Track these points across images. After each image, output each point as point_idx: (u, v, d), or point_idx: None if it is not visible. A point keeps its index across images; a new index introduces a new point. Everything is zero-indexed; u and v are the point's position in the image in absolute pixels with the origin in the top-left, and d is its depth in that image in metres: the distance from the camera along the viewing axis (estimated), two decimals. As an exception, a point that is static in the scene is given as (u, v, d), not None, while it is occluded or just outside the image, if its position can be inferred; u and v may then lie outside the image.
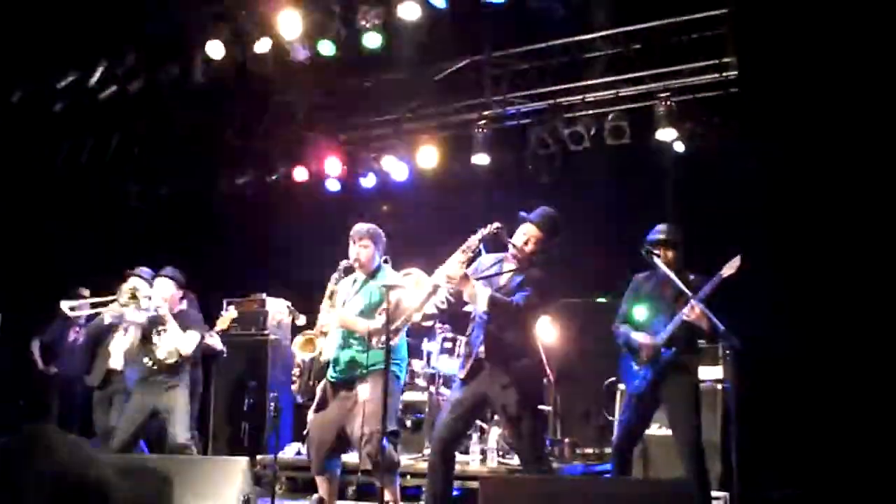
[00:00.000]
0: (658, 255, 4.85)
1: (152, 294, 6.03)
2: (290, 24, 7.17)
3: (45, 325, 8.09)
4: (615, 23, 7.11)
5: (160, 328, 5.99)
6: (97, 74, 8.24)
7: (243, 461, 4.27)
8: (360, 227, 5.09)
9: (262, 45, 7.44)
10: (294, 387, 5.27)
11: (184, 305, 6.23)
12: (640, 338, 4.83)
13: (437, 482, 4.39)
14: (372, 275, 5.07)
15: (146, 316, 5.97)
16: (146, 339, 5.99)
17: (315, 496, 5.14)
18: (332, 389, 5.03)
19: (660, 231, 4.96)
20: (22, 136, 9.30)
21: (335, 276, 5.10)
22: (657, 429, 5.79)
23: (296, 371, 5.29)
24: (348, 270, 5.14)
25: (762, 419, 4.61)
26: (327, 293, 5.14)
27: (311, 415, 5.11)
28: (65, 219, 9.46)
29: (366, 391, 4.80)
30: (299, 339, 5.28)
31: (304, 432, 5.26)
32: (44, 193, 9.50)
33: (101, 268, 7.56)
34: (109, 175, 9.55)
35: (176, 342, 5.92)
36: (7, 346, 7.45)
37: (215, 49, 7.55)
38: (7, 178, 9.15)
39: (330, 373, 5.06)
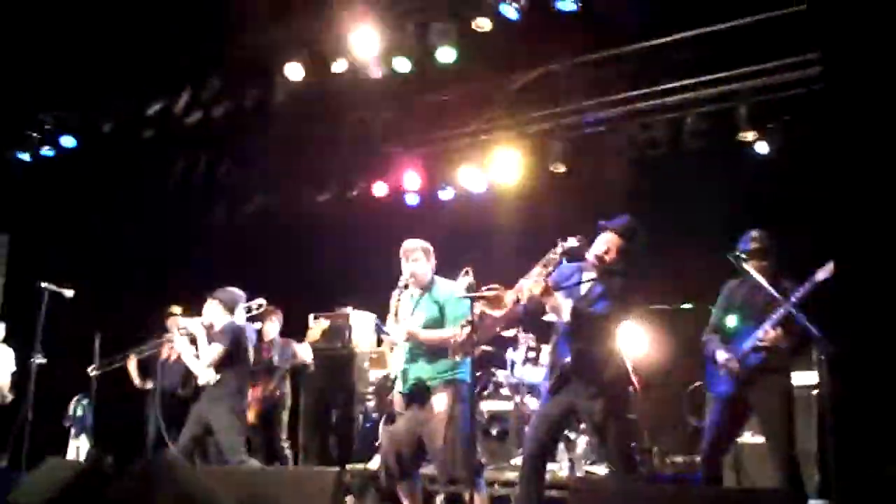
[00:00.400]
0: (742, 257, 4.76)
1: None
2: (365, 44, 7.32)
3: (140, 342, 8.38)
4: (691, 25, 7.03)
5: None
6: (182, 101, 8.57)
7: (334, 472, 4.35)
8: (410, 243, 5.13)
9: (340, 66, 7.62)
10: (370, 404, 5.33)
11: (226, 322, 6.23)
12: (721, 357, 4.75)
13: (530, 491, 4.39)
14: (426, 288, 5.10)
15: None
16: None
17: None
18: (403, 402, 5.06)
19: (751, 239, 4.86)
20: (113, 163, 9.72)
21: (396, 292, 5.08)
22: (750, 436, 5.66)
23: (370, 389, 5.33)
24: (406, 286, 5.16)
25: (861, 427, 4.47)
26: (392, 309, 5.14)
27: (382, 428, 5.15)
28: (155, 239, 9.83)
29: (440, 402, 4.81)
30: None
31: (377, 443, 5.31)
32: (135, 216, 9.90)
33: (191, 285, 7.83)
34: (197, 196, 9.88)
35: (202, 355, 5.99)
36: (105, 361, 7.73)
37: (294, 71, 7.76)
38: (99, 202, 9.56)
39: (399, 387, 5.09)
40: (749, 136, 7.18)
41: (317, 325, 6.77)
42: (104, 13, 7.43)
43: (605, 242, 4.46)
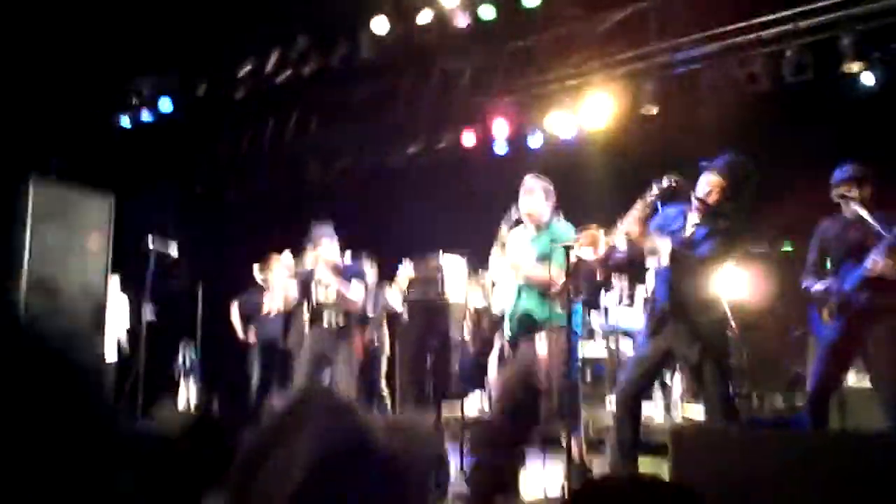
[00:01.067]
0: (848, 196, 4.57)
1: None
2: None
3: (241, 292, 8.63)
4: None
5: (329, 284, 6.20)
6: (272, 61, 8.71)
7: (429, 417, 4.44)
8: (529, 178, 5.00)
9: (425, 16, 7.59)
10: (468, 337, 5.33)
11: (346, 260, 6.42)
12: (818, 288, 4.59)
13: (625, 432, 4.37)
14: (543, 227, 4.97)
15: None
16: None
17: None
18: (510, 345, 5.04)
19: (847, 169, 4.67)
20: (209, 125, 10.00)
21: (504, 224, 4.95)
22: (855, 378, 5.49)
23: (467, 322, 5.33)
24: (518, 221, 5.09)
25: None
26: (498, 242, 5.00)
27: (492, 371, 5.17)
28: (252, 196, 10.10)
29: (544, 346, 4.78)
30: (470, 285, 5.22)
31: (486, 388, 5.34)
32: (230, 175, 10.17)
33: (287, 240, 8.03)
34: (290, 154, 10.08)
35: (344, 293, 6.12)
36: (208, 313, 8.01)
37: (380, 24, 7.77)
38: (197, 164, 9.87)
39: (506, 329, 5.05)
40: (854, 67, 6.81)
41: (405, 271, 6.86)
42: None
43: (708, 183, 4.30)
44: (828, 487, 3.12)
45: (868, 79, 6.89)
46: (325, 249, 6.25)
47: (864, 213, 4.45)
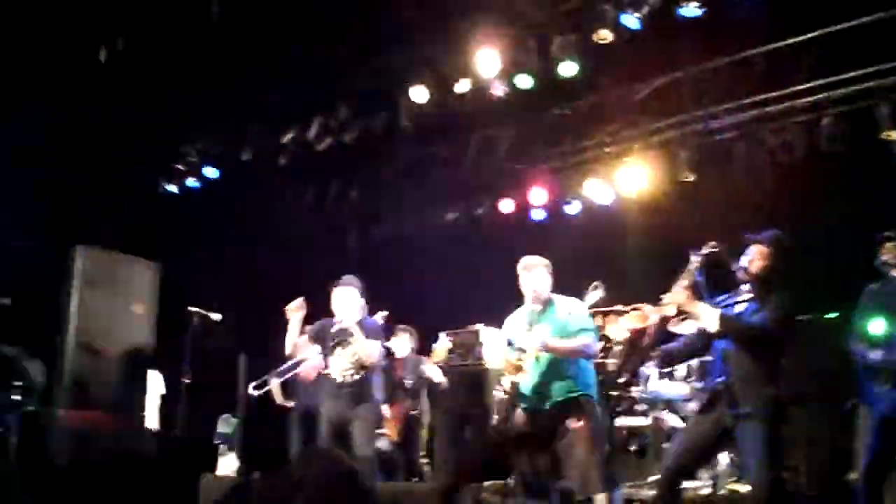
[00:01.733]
0: (891, 263, 4.53)
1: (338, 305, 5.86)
2: (488, 63, 7.42)
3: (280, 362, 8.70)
4: (821, 24, 6.75)
5: (345, 340, 5.81)
6: (314, 128, 8.93)
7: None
8: (531, 258, 5.08)
9: (463, 86, 7.75)
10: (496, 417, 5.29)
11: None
12: (876, 357, 4.51)
13: None
14: (546, 305, 5.01)
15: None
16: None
17: None
18: (528, 418, 4.97)
19: (890, 232, 4.64)
20: (253, 189, 10.22)
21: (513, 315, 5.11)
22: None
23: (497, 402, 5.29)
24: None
25: None
26: (513, 327, 5.13)
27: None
28: (293, 263, 10.22)
29: (573, 419, 4.75)
30: (504, 363, 5.19)
31: None
32: (274, 241, 10.33)
33: (327, 308, 8.09)
34: (330, 221, 10.23)
35: (360, 350, 5.70)
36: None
37: (419, 94, 7.96)
38: (241, 230, 10.05)
39: (524, 403, 5.00)
40: (893, 135, 6.80)
41: (441, 344, 6.83)
42: (236, 47, 7.85)
43: (752, 254, 4.26)
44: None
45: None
46: (345, 300, 5.85)
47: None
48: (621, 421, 6.97)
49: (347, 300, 5.82)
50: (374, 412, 5.88)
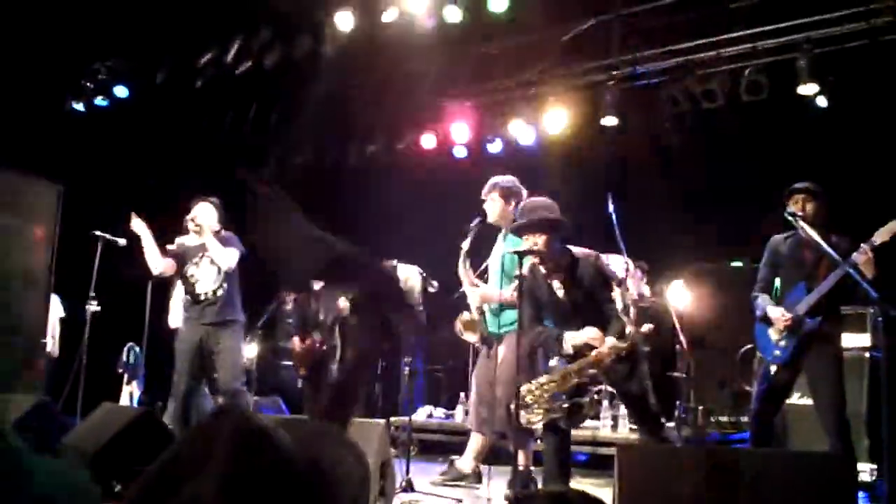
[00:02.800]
0: (798, 216, 4.62)
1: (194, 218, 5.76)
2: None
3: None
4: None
5: (196, 258, 5.74)
6: (233, 50, 8.58)
7: (380, 424, 4.40)
8: (490, 182, 5.20)
9: (390, 15, 7.53)
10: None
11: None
12: (775, 313, 4.64)
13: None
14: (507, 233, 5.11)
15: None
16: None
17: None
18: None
19: (799, 184, 4.74)
20: (167, 113, 9.82)
21: (468, 239, 5.19)
22: (798, 398, 5.57)
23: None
24: (477, 232, 5.15)
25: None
26: (462, 260, 5.26)
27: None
28: (206, 190, 9.92)
29: (500, 353, 4.86)
30: (459, 325, 5.36)
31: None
32: (186, 166, 9.99)
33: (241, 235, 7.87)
34: (247, 147, 9.94)
35: (216, 258, 5.64)
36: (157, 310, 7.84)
37: (344, 20, 7.70)
38: (153, 153, 9.68)
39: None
40: (809, 89, 6.93)
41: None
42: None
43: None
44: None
45: (822, 101, 7.01)
46: (203, 215, 5.78)
47: (814, 235, 4.50)
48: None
49: (204, 215, 5.76)
50: (238, 338, 5.73)
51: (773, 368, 4.67)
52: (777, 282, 4.82)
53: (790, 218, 4.65)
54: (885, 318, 4.35)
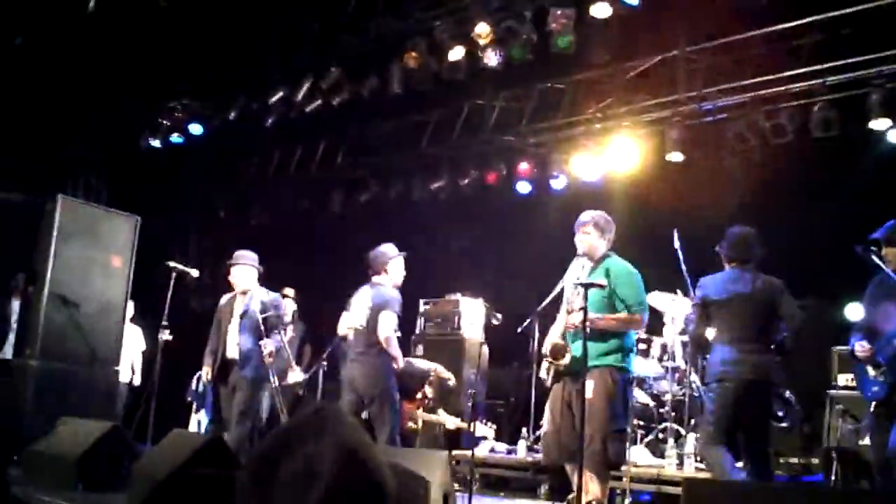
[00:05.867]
0: (877, 252, 4.52)
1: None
2: (482, 32, 7.33)
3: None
4: (821, 8, 6.71)
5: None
6: (303, 90, 8.81)
7: (444, 455, 4.41)
8: (583, 215, 5.02)
9: (456, 53, 7.66)
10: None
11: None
12: (858, 348, 4.54)
13: None
14: (598, 263, 4.93)
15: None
16: None
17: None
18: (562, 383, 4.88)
19: (882, 228, 4.63)
20: (238, 148, 10.12)
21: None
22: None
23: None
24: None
25: None
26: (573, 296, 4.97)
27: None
28: (276, 224, 10.16)
29: (590, 388, 4.62)
30: (549, 345, 5.06)
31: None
32: (256, 201, 10.25)
33: (308, 272, 8.02)
34: (315, 183, 10.16)
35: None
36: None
37: (412, 59, 7.86)
38: (225, 186, 9.98)
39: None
40: (882, 123, 6.79)
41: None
42: (232, 4, 7.74)
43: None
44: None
45: (895, 136, 6.87)
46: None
47: (888, 271, 4.40)
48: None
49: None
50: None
51: (875, 407, 4.52)
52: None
53: (861, 251, 4.55)
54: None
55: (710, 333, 4.95)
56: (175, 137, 9.92)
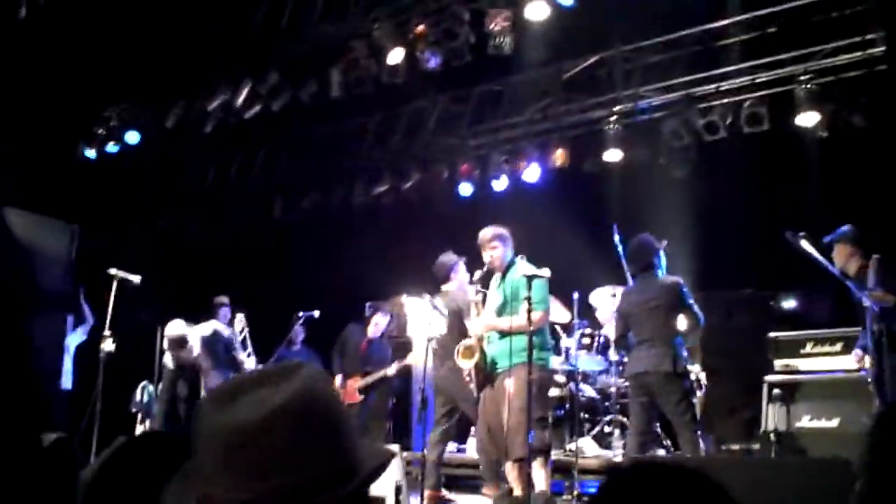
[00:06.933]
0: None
1: None
2: (420, 34, 7.37)
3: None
4: (749, 6, 6.92)
5: None
6: (243, 95, 8.72)
7: (395, 450, 4.43)
8: (485, 232, 5.32)
9: (395, 56, 7.69)
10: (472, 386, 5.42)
11: None
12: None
13: None
14: (506, 271, 5.28)
15: None
16: None
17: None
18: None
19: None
20: (177, 156, 9.96)
21: (474, 288, 5.40)
22: (808, 421, 5.61)
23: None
24: (486, 277, 5.29)
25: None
26: (473, 306, 5.38)
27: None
28: (217, 232, 10.05)
29: (511, 384, 4.91)
30: (459, 349, 5.37)
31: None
32: (196, 209, 10.12)
33: (246, 277, 7.93)
34: (255, 190, 10.07)
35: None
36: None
37: (351, 63, 7.85)
38: (162, 196, 9.82)
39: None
40: (809, 119, 7.04)
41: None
42: (166, 9, 7.63)
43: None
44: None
45: (822, 131, 7.11)
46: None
47: (819, 256, 4.72)
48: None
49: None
50: None
51: None
52: None
53: (790, 238, 4.86)
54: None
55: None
56: (111, 146, 9.72)
